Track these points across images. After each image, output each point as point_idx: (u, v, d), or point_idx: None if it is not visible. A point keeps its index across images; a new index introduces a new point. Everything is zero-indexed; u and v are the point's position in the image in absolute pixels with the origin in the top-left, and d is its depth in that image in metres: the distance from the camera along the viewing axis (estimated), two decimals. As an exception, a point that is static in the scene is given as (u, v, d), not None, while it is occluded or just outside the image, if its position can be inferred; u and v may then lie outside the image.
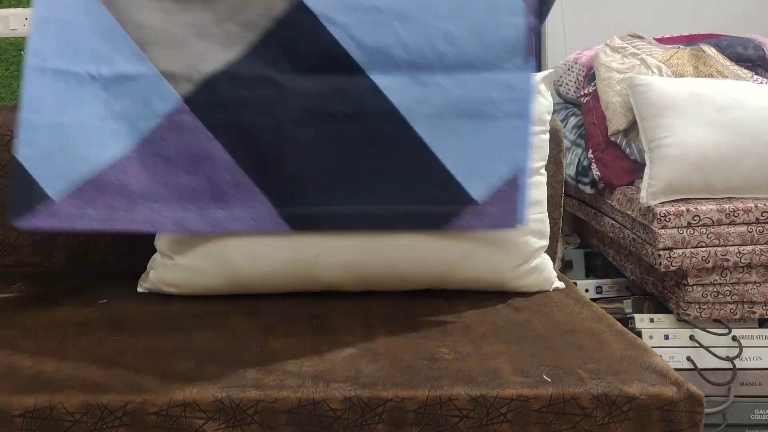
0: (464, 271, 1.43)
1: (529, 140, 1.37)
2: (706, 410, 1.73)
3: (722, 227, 1.76)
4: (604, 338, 1.25)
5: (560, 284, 1.51)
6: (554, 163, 1.59)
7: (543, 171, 1.48)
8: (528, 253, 1.44)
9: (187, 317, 1.34)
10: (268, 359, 1.16)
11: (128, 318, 1.33)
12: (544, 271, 1.48)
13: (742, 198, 1.81)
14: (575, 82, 2.22)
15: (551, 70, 1.50)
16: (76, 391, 1.06)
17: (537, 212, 1.46)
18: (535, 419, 1.07)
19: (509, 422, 1.07)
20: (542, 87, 1.48)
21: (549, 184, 1.52)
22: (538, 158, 1.47)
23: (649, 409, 1.08)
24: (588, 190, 2.07)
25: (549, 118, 1.49)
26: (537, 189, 1.46)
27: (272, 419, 1.06)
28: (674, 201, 1.80)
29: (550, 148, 1.52)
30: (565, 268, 2.18)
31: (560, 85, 2.31)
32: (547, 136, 1.49)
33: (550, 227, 1.51)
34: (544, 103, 1.48)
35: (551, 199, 1.55)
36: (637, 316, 1.87)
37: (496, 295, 1.45)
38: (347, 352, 1.19)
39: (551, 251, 1.56)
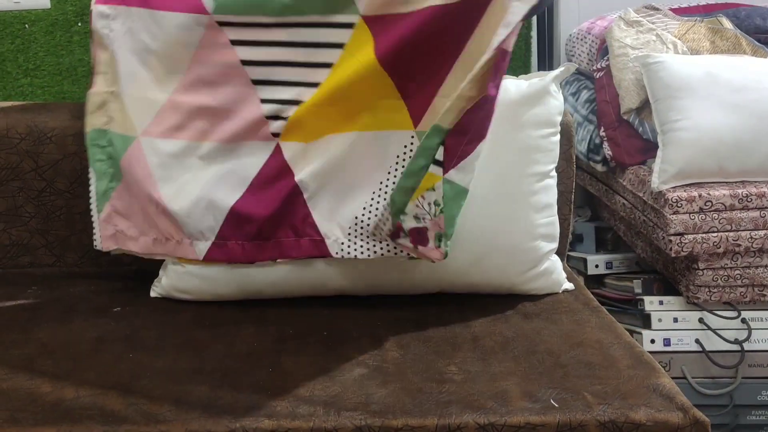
0: (473, 277, 1.43)
1: None
2: (713, 392, 1.77)
3: (734, 212, 1.74)
4: (612, 353, 1.26)
5: (570, 285, 1.51)
6: (565, 159, 1.56)
7: (553, 173, 1.46)
8: (537, 257, 1.44)
9: (199, 330, 1.36)
10: (279, 381, 1.18)
11: (142, 330, 1.36)
12: (554, 274, 1.48)
13: (755, 182, 1.79)
14: (588, 54, 2.16)
15: (562, 69, 1.45)
16: (95, 422, 1.08)
17: (547, 216, 1.45)
18: (542, 446, 1.09)
19: (517, 449, 1.09)
20: (553, 87, 1.44)
21: (560, 180, 1.50)
22: (548, 161, 1.44)
23: (655, 435, 1.09)
24: (599, 167, 2.04)
25: (560, 119, 1.45)
26: (547, 192, 1.44)
27: (285, 448, 1.08)
28: (686, 186, 1.77)
29: (561, 144, 1.49)
30: (575, 242, 2.18)
31: (572, 56, 2.25)
32: (558, 137, 1.46)
33: (560, 224, 1.50)
34: (554, 103, 1.44)
35: (562, 195, 1.53)
36: (647, 299, 1.88)
37: (506, 298, 1.45)
38: (357, 372, 1.21)
39: (561, 248, 1.55)
